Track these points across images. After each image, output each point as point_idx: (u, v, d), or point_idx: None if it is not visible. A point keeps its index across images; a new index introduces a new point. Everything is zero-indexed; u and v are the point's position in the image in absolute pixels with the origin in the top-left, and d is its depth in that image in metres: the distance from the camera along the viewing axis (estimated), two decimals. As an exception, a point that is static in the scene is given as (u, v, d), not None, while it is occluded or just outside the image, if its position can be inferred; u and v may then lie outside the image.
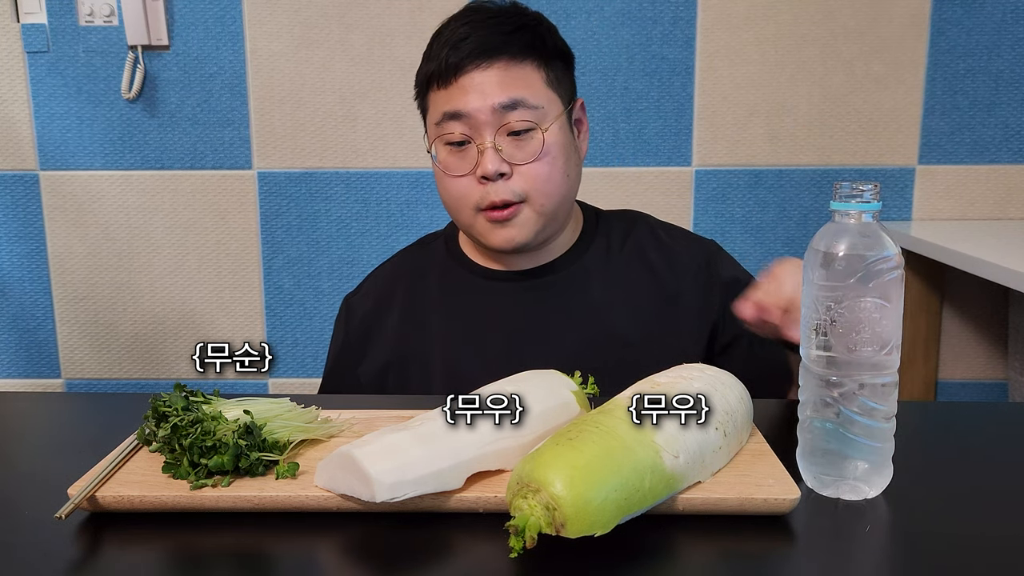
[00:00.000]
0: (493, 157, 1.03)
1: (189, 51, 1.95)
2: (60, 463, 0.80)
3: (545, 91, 1.06)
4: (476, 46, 1.03)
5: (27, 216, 2.02)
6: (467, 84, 1.03)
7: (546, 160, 1.04)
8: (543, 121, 1.04)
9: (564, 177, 1.07)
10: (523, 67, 1.04)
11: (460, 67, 1.03)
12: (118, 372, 2.09)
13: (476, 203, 1.05)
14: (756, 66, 1.94)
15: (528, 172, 1.04)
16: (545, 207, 1.06)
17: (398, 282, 1.18)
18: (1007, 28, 1.91)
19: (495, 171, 1.02)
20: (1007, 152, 1.97)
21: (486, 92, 1.02)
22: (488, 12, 1.07)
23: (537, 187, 1.04)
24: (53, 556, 0.64)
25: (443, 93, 1.05)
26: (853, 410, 0.69)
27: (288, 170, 2.00)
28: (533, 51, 1.05)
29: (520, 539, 0.58)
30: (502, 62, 1.03)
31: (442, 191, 1.09)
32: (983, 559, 0.63)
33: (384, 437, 0.70)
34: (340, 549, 0.65)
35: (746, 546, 0.64)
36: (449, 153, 1.06)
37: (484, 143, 1.03)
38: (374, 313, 1.17)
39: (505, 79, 1.03)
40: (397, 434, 0.70)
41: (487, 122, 1.03)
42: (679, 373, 0.76)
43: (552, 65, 1.07)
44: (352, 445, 0.68)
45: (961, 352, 2.06)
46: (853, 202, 0.68)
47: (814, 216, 1.99)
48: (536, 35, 1.06)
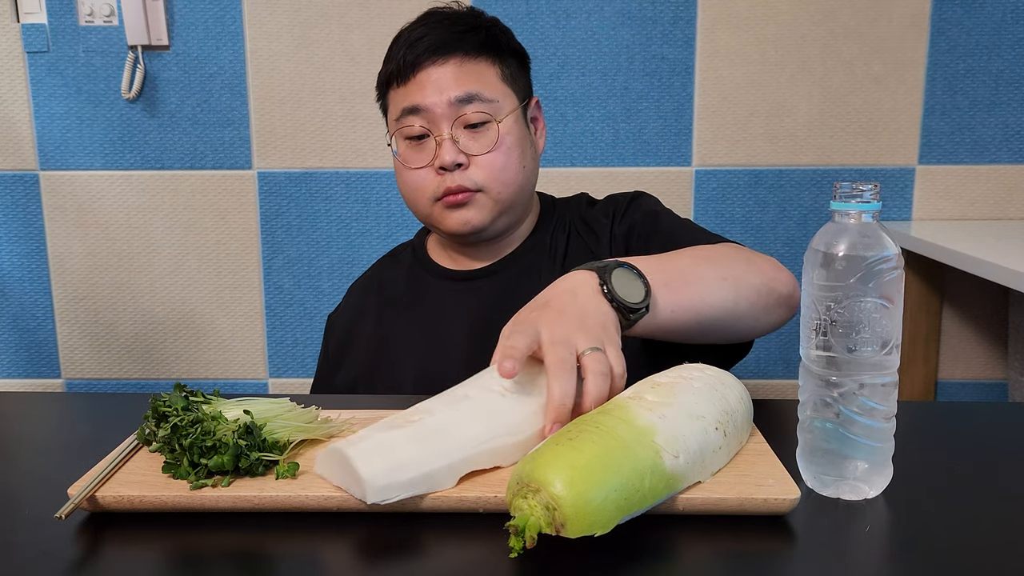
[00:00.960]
0: (450, 148, 1.07)
1: (189, 51, 1.95)
2: (60, 463, 0.80)
3: (500, 85, 1.10)
4: (432, 43, 1.08)
5: (27, 216, 2.02)
6: (424, 79, 1.07)
7: (501, 151, 1.08)
8: (498, 114, 1.09)
9: (520, 168, 1.11)
10: (477, 63, 1.09)
11: (417, 63, 1.08)
12: (118, 372, 2.09)
13: (433, 192, 1.09)
14: (756, 66, 1.94)
15: (484, 162, 1.08)
16: (502, 195, 1.09)
17: (369, 295, 1.23)
18: (1007, 28, 1.91)
19: (452, 161, 1.06)
20: (1007, 152, 1.97)
21: (442, 86, 1.07)
22: (444, 15, 1.12)
23: (493, 175, 1.08)
24: (53, 556, 0.64)
25: (402, 90, 1.10)
26: (853, 410, 0.69)
27: (288, 170, 2.00)
28: (487, 48, 1.10)
29: (520, 539, 0.58)
30: (457, 58, 1.08)
31: (401, 184, 1.13)
32: (983, 559, 0.63)
33: (379, 434, 0.70)
34: (340, 549, 0.65)
35: (746, 546, 0.64)
36: (408, 147, 1.10)
37: (442, 135, 1.07)
38: (348, 327, 1.22)
39: (460, 74, 1.08)
40: (393, 432, 0.70)
41: (444, 115, 1.07)
42: (679, 373, 0.76)
43: (506, 62, 1.12)
44: (347, 442, 0.68)
45: (961, 352, 2.06)
46: (853, 202, 0.68)
47: (814, 216, 1.99)
48: (490, 35, 1.11)
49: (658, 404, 0.69)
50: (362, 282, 1.28)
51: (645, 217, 1.13)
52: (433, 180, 1.09)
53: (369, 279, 1.26)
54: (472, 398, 0.74)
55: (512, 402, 0.73)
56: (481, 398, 0.74)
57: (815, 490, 0.72)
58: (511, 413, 0.73)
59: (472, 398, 0.74)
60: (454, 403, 0.73)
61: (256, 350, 2.07)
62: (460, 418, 0.72)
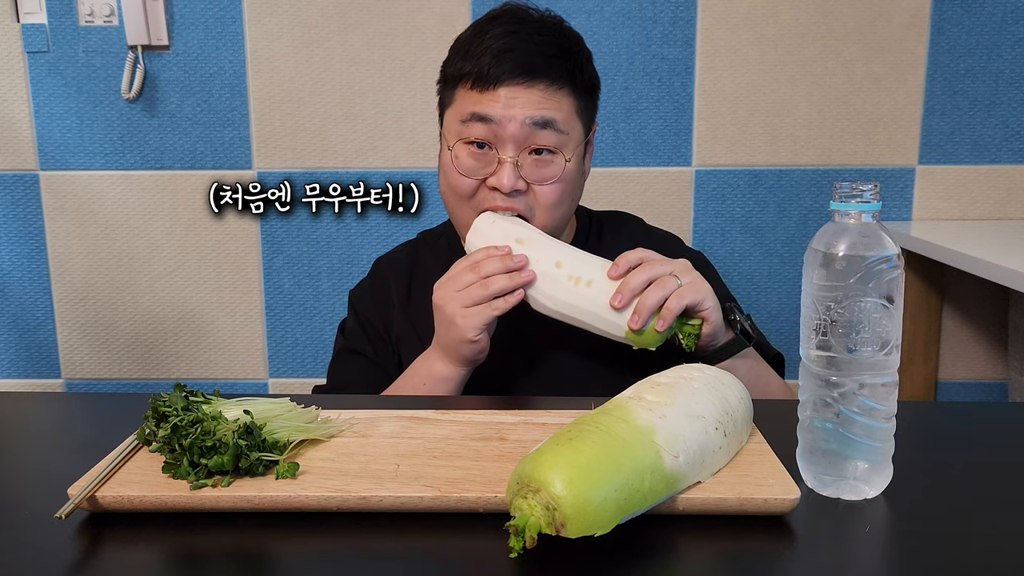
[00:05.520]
0: (511, 172, 1.04)
1: (189, 51, 1.95)
2: (60, 463, 0.80)
3: (573, 119, 1.08)
4: (521, 63, 1.04)
5: (27, 216, 2.02)
6: (504, 95, 1.04)
7: (560, 186, 1.07)
8: (565, 147, 1.06)
9: (571, 203, 1.11)
10: (559, 92, 1.06)
11: (501, 78, 1.04)
12: (118, 372, 2.09)
13: (478, 204, 1.07)
14: (756, 66, 1.94)
15: (541, 193, 1.06)
16: (547, 226, 1.08)
17: (400, 276, 1.20)
18: (1007, 28, 1.91)
19: (511, 187, 1.04)
20: (1007, 152, 1.97)
21: (522, 107, 1.04)
22: (533, 25, 1.07)
23: (545, 208, 1.07)
24: (53, 556, 0.64)
25: (475, 94, 1.05)
26: (853, 410, 0.69)
27: (288, 170, 2.00)
28: (570, 79, 1.07)
29: (520, 539, 0.58)
30: (542, 84, 1.05)
31: (446, 186, 1.10)
32: (983, 559, 0.63)
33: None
34: (340, 549, 0.65)
35: (746, 546, 0.64)
36: (467, 152, 1.07)
37: (506, 155, 1.04)
38: (380, 301, 1.20)
39: (542, 100, 1.04)
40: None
41: (514, 135, 1.04)
42: (679, 373, 0.76)
43: (582, 96, 1.09)
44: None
45: (961, 352, 2.06)
46: (853, 202, 0.68)
47: (814, 216, 1.99)
48: (576, 64, 1.08)
49: (658, 404, 0.69)
50: (392, 261, 1.24)
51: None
52: (483, 194, 1.07)
53: (400, 261, 1.23)
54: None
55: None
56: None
57: (815, 490, 0.72)
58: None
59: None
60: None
61: (256, 350, 2.07)
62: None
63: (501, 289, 0.97)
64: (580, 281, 0.97)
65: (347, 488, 0.69)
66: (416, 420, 0.84)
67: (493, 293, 0.98)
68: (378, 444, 0.78)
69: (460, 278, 0.99)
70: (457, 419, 0.84)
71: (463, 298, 0.98)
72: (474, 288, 0.98)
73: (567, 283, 0.97)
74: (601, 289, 0.96)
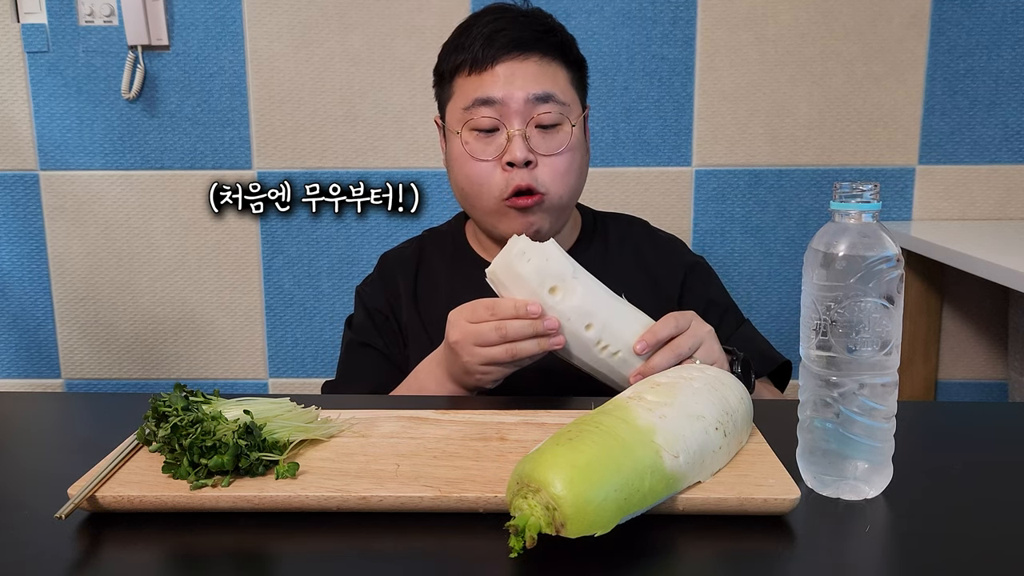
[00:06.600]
0: (522, 144, 1.06)
1: (189, 51, 1.95)
2: (60, 463, 0.80)
3: (570, 90, 1.11)
4: (513, 39, 1.07)
5: (27, 216, 2.02)
6: (503, 73, 1.07)
7: (569, 154, 1.09)
8: (570, 116, 1.09)
9: (580, 174, 1.12)
10: (553, 65, 1.10)
11: (496, 57, 1.07)
12: (118, 372, 2.09)
13: (500, 190, 1.08)
14: (756, 66, 1.94)
15: (552, 163, 1.08)
16: (562, 199, 1.09)
17: (406, 273, 1.21)
18: (1007, 28, 1.91)
19: (523, 158, 1.06)
20: (1007, 152, 1.97)
21: (521, 82, 1.07)
22: (518, 11, 1.12)
23: (557, 178, 1.08)
24: (53, 556, 0.64)
25: (474, 80, 1.08)
26: (853, 410, 0.69)
27: (288, 170, 2.00)
28: (561, 53, 1.11)
29: (520, 539, 0.58)
30: (537, 56, 1.08)
31: (462, 176, 1.11)
32: (983, 559, 0.63)
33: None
34: (340, 549, 0.65)
35: (746, 546, 0.64)
36: (475, 138, 1.09)
37: (513, 130, 1.06)
38: (386, 297, 1.20)
39: (539, 73, 1.08)
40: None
41: (519, 111, 1.06)
42: (679, 373, 0.76)
43: (574, 69, 1.13)
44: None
45: (961, 352, 2.06)
46: (853, 202, 0.68)
47: (814, 216, 1.99)
48: (564, 40, 1.12)
49: (658, 404, 0.69)
50: (399, 257, 1.24)
51: (701, 301, 1.17)
52: (499, 176, 1.07)
53: (406, 258, 1.23)
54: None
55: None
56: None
57: (815, 490, 0.72)
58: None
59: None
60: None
61: (256, 350, 2.07)
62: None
63: (528, 356, 0.91)
64: (607, 349, 0.92)
65: (347, 488, 0.69)
66: (416, 420, 0.84)
67: (517, 358, 0.91)
68: (378, 444, 0.78)
69: (484, 334, 0.91)
70: (457, 419, 0.84)
71: (484, 355, 0.92)
72: (497, 350, 0.91)
73: (594, 348, 0.92)
74: (625, 361, 0.92)
